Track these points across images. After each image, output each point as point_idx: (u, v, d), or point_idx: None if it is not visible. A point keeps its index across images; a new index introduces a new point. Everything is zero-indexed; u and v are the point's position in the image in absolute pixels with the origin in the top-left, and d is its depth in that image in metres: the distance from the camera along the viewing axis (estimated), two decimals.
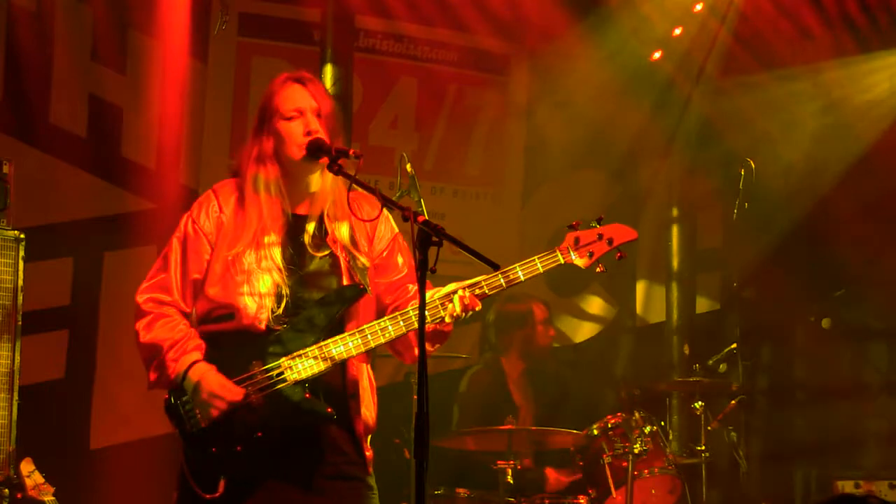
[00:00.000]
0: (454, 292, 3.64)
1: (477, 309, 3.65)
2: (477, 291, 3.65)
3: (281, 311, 3.65)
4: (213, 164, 7.19)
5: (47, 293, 6.62)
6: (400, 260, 3.87)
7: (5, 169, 5.35)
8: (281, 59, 7.44)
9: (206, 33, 7.21)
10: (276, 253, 3.68)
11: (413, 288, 3.79)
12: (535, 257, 3.71)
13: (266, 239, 3.69)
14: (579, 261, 3.77)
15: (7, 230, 5.28)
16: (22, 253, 5.30)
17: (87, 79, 6.96)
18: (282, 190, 3.74)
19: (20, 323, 5.27)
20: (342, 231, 3.76)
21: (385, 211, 3.82)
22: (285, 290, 3.65)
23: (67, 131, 6.88)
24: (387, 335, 3.63)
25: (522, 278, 3.69)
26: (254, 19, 7.48)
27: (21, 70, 6.68)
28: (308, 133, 3.69)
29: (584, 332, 8.72)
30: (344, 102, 6.83)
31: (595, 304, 8.75)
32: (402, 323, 3.64)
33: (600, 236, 3.78)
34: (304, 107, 3.73)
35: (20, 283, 5.29)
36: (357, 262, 3.73)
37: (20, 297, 5.28)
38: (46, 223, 6.63)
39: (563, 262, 3.75)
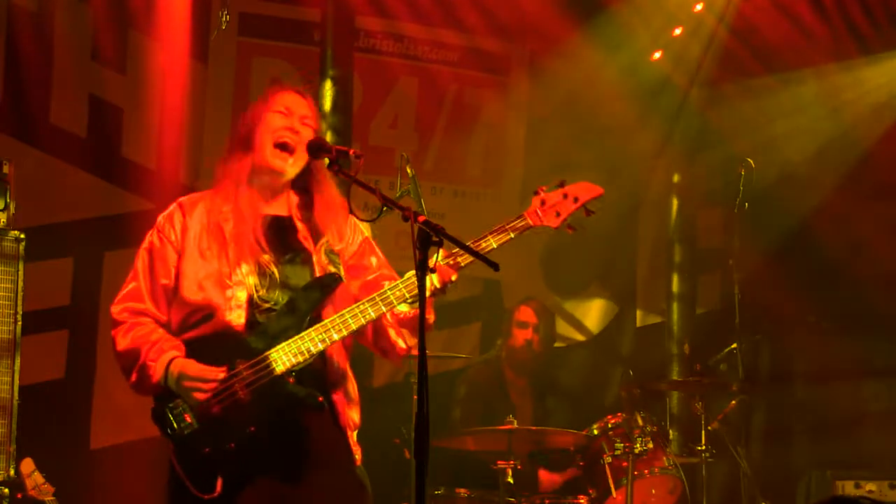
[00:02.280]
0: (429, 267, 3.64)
1: (453, 279, 3.65)
2: (451, 262, 3.65)
3: (259, 306, 3.68)
4: (213, 164, 7.17)
5: (47, 293, 6.62)
6: (372, 260, 3.91)
7: (5, 169, 5.35)
8: (281, 59, 7.44)
9: (206, 33, 7.21)
10: (250, 263, 3.70)
11: (388, 284, 3.77)
12: (505, 223, 3.72)
13: (236, 248, 3.71)
14: (548, 222, 3.77)
15: (7, 230, 5.28)
16: (22, 253, 5.30)
17: (87, 79, 6.95)
18: (254, 185, 3.79)
19: (20, 323, 5.27)
20: (314, 227, 3.80)
21: (352, 217, 3.85)
22: (260, 288, 3.68)
23: (67, 131, 6.87)
24: (367, 316, 3.65)
25: (495, 245, 3.69)
26: (254, 19, 7.48)
27: (21, 70, 6.68)
28: (289, 128, 3.76)
29: (584, 331, 8.72)
30: (344, 102, 6.84)
31: (595, 304, 8.75)
32: (380, 303, 3.65)
33: (566, 196, 3.79)
34: (292, 108, 3.82)
35: (20, 283, 5.29)
36: (331, 255, 3.77)
37: (20, 297, 5.28)
38: (46, 223, 6.62)
39: (531, 224, 3.75)
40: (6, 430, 5.17)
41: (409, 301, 3.65)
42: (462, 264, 3.66)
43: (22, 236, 5.31)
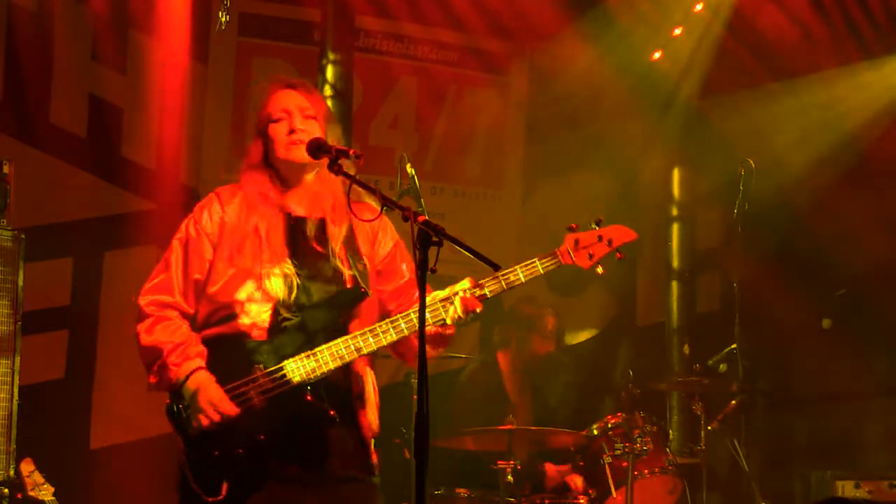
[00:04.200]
0: (455, 294, 3.64)
1: (478, 310, 3.65)
2: (478, 293, 3.66)
3: (283, 314, 3.65)
4: (213, 164, 7.20)
5: (47, 293, 6.62)
6: (403, 266, 3.89)
7: (5, 169, 5.35)
8: (281, 59, 7.44)
9: (206, 33, 7.22)
10: (276, 269, 3.68)
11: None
12: (536, 259, 3.73)
13: (265, 265, 3.68)
14: (580, 262, 3.79)
15: (7, 230, 5.28)
16: (22, 253, 5.30)
17: (87, 79, 6.96)
18: (279, 192, 3.77)
19: (20, 323, 5.27)
20: (343, 233, 3.77)
21: (386, 218, 3.83)
22: (286, 295, 3.66)
23: (67, 131, 6.88)
24: (388, 337, 3.64)
25: (523, 279, 3.71)
26: (254, 19, 7.48)
27: (21, 70, 6.68)
28: (291, 131, 3.75)
29: (584, 332, 8.71)
30: (344, 102, 6.84)
31: (595, 304, 8.74)
32: (403, 325, 3.64)
33: (600, 238, 3.81)
34: (290, 108, 3.79)
35: (20, 283, 5.29)
36: (358, 264, 3.74)
37: (20, 297, 5.28)
38: (46, 223, 6.63)
39: (563, 263, 3.77)
40: (6, 429, 5.17)
41: (434, 323, 3.63)
42: (489, 296, 3.66)
43: (22, 236, 5.31)
